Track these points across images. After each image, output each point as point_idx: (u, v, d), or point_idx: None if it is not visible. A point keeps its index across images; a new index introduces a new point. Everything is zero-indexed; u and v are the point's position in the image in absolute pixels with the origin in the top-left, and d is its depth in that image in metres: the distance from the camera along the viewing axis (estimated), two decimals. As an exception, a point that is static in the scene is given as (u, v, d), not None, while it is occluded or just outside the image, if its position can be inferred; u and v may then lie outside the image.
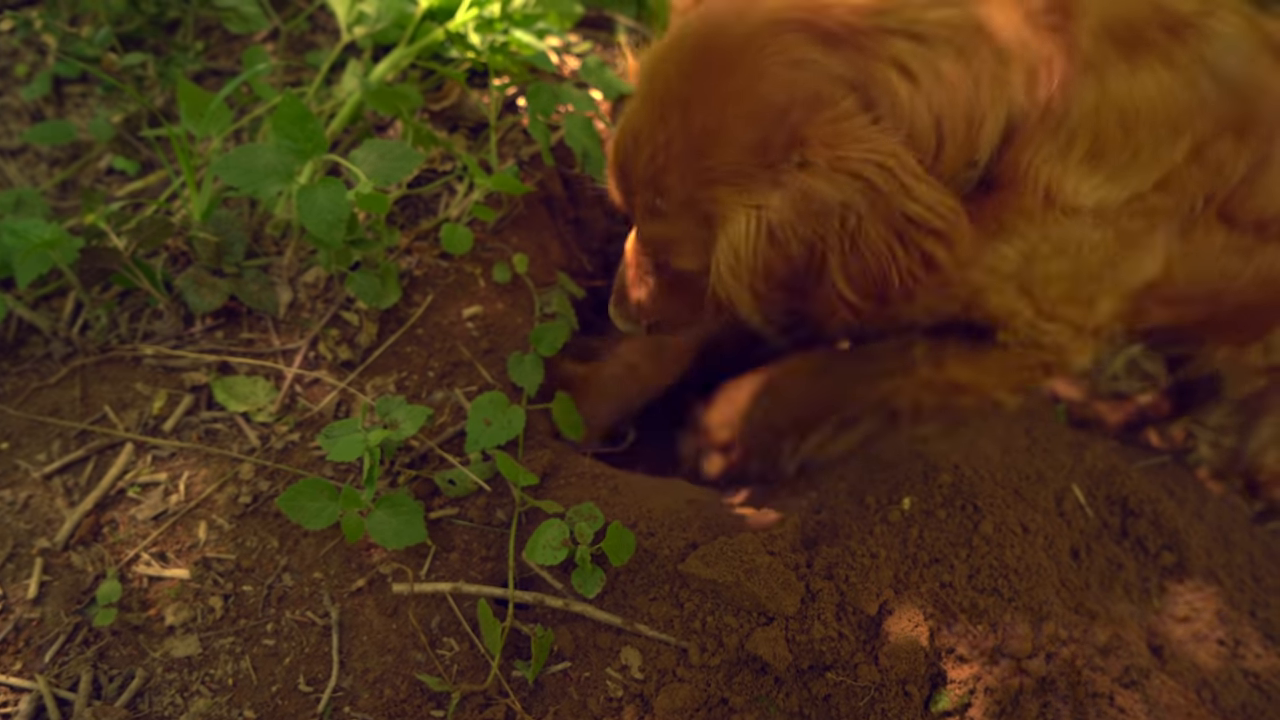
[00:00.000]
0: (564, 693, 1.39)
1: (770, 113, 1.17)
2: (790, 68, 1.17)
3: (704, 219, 1.24)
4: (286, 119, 1.54)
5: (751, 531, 1.50)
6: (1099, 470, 1.83)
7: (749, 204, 1.18)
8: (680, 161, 1.22)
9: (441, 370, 1.71)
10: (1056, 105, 1.28)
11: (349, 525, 1.42)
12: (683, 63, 1.22)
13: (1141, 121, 1.33)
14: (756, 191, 1.18)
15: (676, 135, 1.21)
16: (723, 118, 1.18)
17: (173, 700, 1.35)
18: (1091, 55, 1.29)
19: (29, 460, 1.56)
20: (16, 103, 2.14)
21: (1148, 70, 1.32)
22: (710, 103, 1.19)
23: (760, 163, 1.18)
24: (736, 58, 1.18)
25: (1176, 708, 1.47)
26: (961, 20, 1.22)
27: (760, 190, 1.18)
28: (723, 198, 1.21)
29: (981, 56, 1.22)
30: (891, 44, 1.19)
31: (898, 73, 1.19)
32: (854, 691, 1.39)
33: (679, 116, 1.20)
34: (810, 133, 1.16)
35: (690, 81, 1.20)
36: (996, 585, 1.50)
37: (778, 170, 1.17)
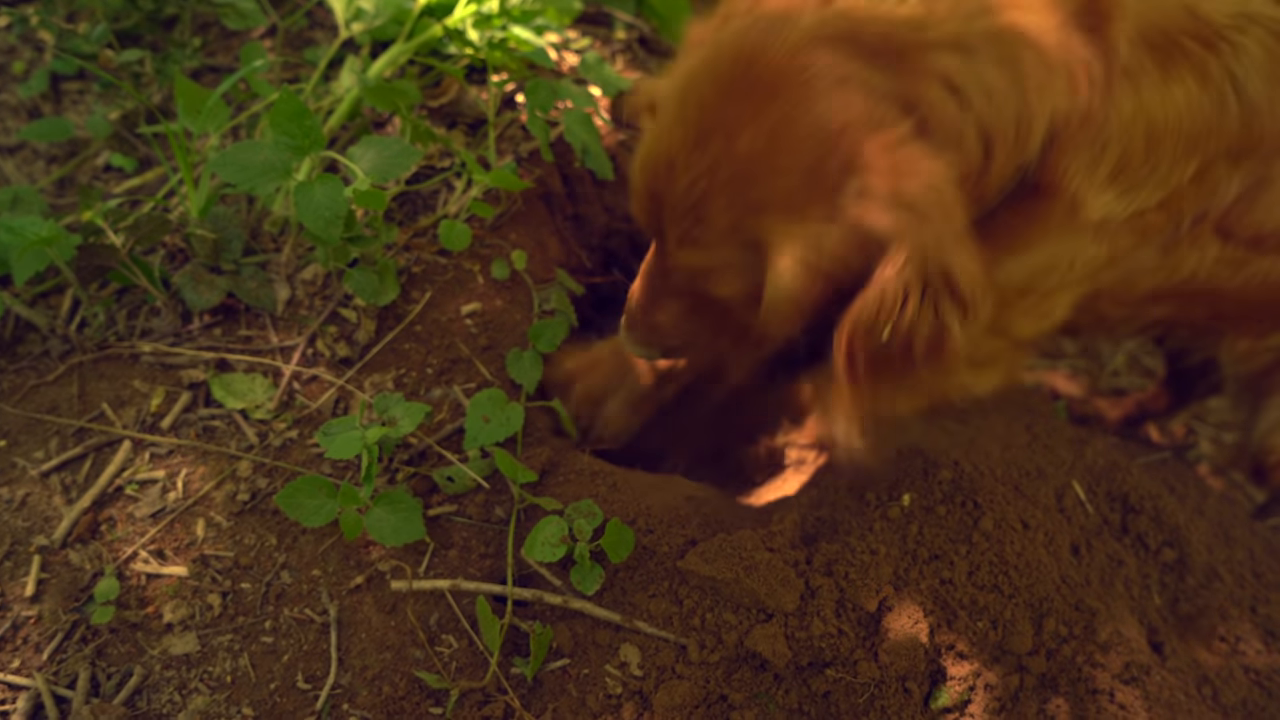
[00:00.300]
0: (563, 690, 1.38)
1: (823, 136, 1.11)
2: (838, 86, 1.11)
3: (749, 245, 1.19)
4: (284, 115, 1.54)
5: (751, 528, 1.50)
6: (1099, 466, 1.83)
7: (803, 233, 1.13)
8: (726, 188, 1.16)
9: (440, 367, 1.70)
10: (1096, 112, 1.24)
11: (347, 522, 1.42)
12: (720, 85, 1.15)
13: (1167, 136, 1.30)
14: (811, 219, 1.13)
15: (721, 161, 1.15)
16: (772, 142, 1.12)
17: (171, 698, 1.35)
18: (1129, 62, 1.26)
19: (27, 458, 1.55)
20: (14, 100, 2.13)
21: (1179, 82, 1.29)
22: (757, 126, 1.13)
23: (815, 189, 1.13)
24: (780, 78, 1.12)
25: (1177, 704, 1.47)
26: (1003, 28, 1.18)
27: (815, 218, 1.13)
28: (773, 225, 1.15)
29: (1026, 63, 1.18)
30: (937, 58, 1.15)
31: (946, 90, 1.15)
32: (854, 688, 1.39)
33: (722, 142, 1.14)
34: (869, 160, 1.11)
35: (731, 104, 1.14)
36: (997, 582, 1.50)
37: (834, 197, 1.12)
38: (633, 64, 2.36)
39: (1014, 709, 1.43)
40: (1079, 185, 1.29)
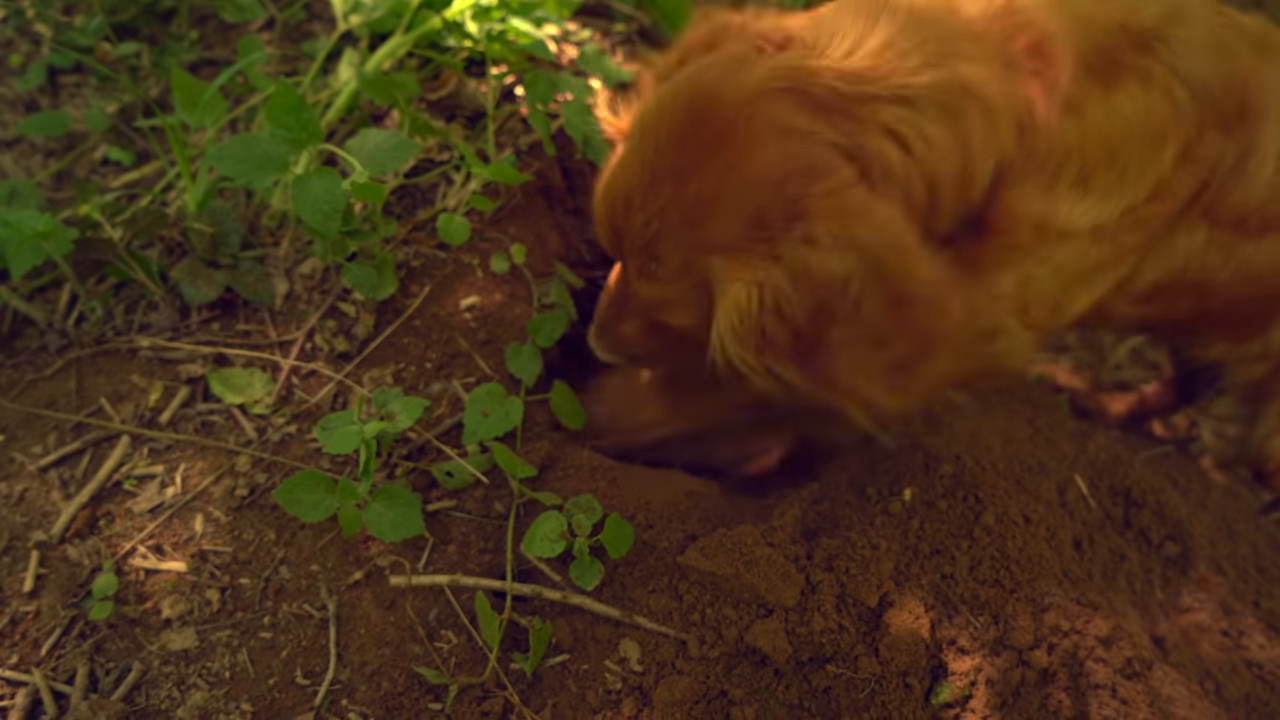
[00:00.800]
0: (562, 685, 1.38)
1: (766, 184, 1.16)
2: (783, 137, 1.16)
3: (699, 284, 1.24)
4: (281, 108, 1.53)
5: (751, 523, 1.49)
6: (1102, 461, 1.82)
7: (747, 277, 1.18)
8: (675, 230, 1.22)
9: (439, 362, 1.69)
10: (1041, 146, 1.29)
11: (346, 518, 1.41)
12: (674, 129, 1.21)
13: (1125, 142, 1.34)
14: (754, 264, 1.18)
15: (670, 204, 1.21)
16: (718, 189, 1.18)
17: (169, 693, 1.35)
18: (1070, 92, 1.30)
19: (25, 453, 1.55)
20: (11, 93, 2.12)
21: (1123, 93, 1.33)
22: (704, 173, 1.18)
23: (758, 235, 1.17)
24: (729, 127, 1.17)
25: (1179, 699, 1.46)
26: (947, 82, 1.21)
27: (758, 262, 1.17)
28: (719, 267, 1.20)
29: (969, 116, 1.22)
30: (881, 110, 1.18)
31: (889, 140, 1.19)
32: (854, 684, 1.39)
33: (672, 185, 1.20)
34: (811, 205, 1.15)
35: (683, 149, 1.20)
36: (998, 577, 1.49)
37: (776, 243, 1.16)
38: (633, 56, 2.35)
39: (1015, 704, 1.42)
40: (1038, 208, 1.33)
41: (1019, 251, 1.39)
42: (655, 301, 1.33)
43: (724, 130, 1.18)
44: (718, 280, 1.21)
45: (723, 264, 1.20)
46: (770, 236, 1.17)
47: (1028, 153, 1.29)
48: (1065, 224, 1.36)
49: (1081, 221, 1.37)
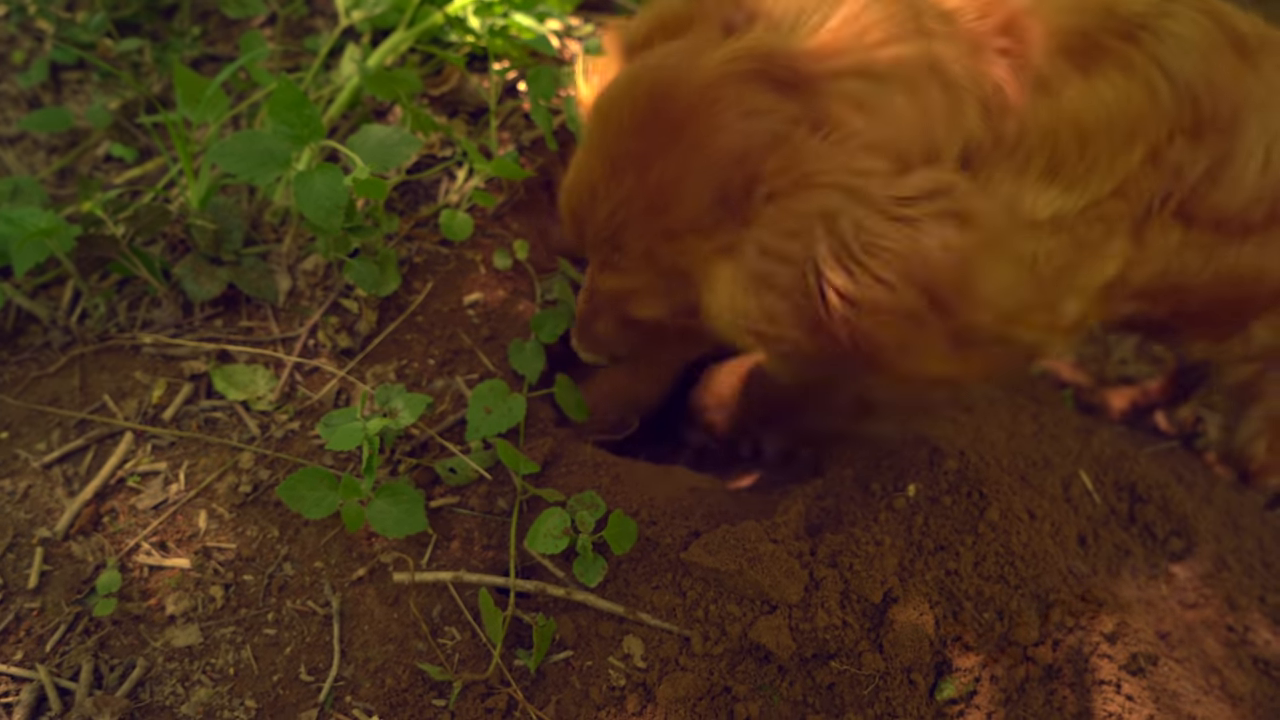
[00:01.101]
0: (566, 682, 1.38)
1: (728, 162, 1.15)
2: (745, 118, 1.15)
3: (665, 272, 1.24)
4: (283, 104, 1.53)
5: (754, 520, 1.49)
6: (1107, 456, 1.82)
7: (723, 249, 1.17)
8: (639, 219, 1.21)
9: (442, 358, 1.69)
10: (1010, 130, 1.26)
11: (349, 514, 1.41)
12: (635, 116, 1.19)
13: (1098, 131, 1.32)
14: (726, 234, 1.16)
15: (634, 193, 1.20)
16: (680, 173, 1.16)
17: (174, 690, 1.35)
18: (1044, 73, 1.27)
19: (29, 449, 1.55)
20: (14, 90, 2.12)
21: (1103, 79, 1.30)
22: (667, 159, 1.17)
23: (724, 209, 1.16)
24: (690, 112, 1.16)
25: (1185, 695, 1.46)
26: (912, 57, 1.19)
27: (730, 231, 1.16)
28: (692, 249, 1.19)
29: (933, 92, 1.20)
30: (844, 83, 1.16)
31: (852, 107, 1.16)
32: (858, 680, 1.38)
33: (635, 173, 1.19)
34: (768, 166, 1.13)
35: (644, 137, 1.18)
36: (1003, 572, 1.49)
37: (743, 210, 1.15)
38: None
39: (1020, 700, 1.42)
40: (1008, 193, 1.30)
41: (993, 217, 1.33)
42: (618, 293, 1.32)
43: (686, 115, 1.16)
44: (694, 263, 1.20)
45: (695, 244, 1.18)
46: (735, 207, 1.15)
47: (997, 136, 1.26)
48: (1030, 213, 1.33)
49: (1044, 212, 1.34)
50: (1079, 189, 1.35)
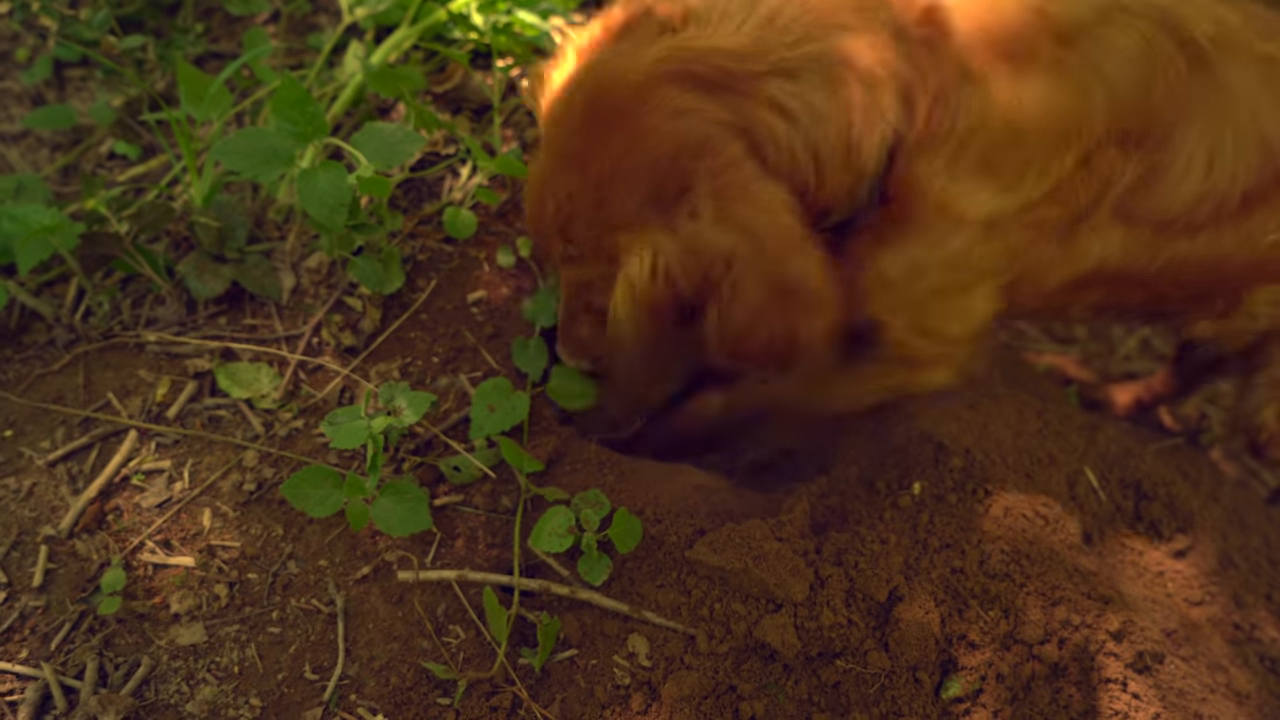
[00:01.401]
0: (571, 680, 1.38)
1: (660, 163, 1.23)
2: (674, 117, 1.22)
3: (611, 259, 1.31)
4: (287, 102, 1.52)
5: (760, 518, 1.49)
6: (1112, 453, 1.81)
7: (643, 248, 1.26)
8: (584, 211, 1.30)
9: (446, 356, 1.69)
10: (938, 119, 1.30)
11: (353, 513, 1.41)
12: (577, 117, 1.28)
13: (1031, 130, 1.34)
14: (651, 236, 1.25)
15: (578, 188, 1.29)
16: (616, 169, 1.25)
17: (178, 688, 1.35)
18: (971, 67, 1.31)
19: (33, 447, 1.55)
20: (17, 87, 2.12)
21: (1037, 80, 1.33)
22: (604, 155, 1.26)
23: (655, 210, 1.25)
24: (624, 112, 1.24)
25: (1191, 693, 1.46)
26: (828, 53, 1.25)
27: (655, 234, 1.25)
28: (623, 242, 1.28)
29: (850, 85, 1.26)
30: (765, 85, 1.23)
31: (774, 113, 1.24)
32: (864, 679, 1.38)
33: (578, 170, 1.28)
34: (699, 182, 1.22)
35: (585, 136, 1.27)
36: (1008, 570, 1.49)
37: (671, 216, 1.24)
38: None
39: (1026, 699, 1.41)
40: (941, 185, 1.35)
41: (917, 229, 1.39)
42: (579, 283, 1.39)
43: (620, 114, 1.24)
44: (620, 253, 1.28)
45: (625, 238, 1.27)
46: (665, 210, 1.24)
47: (926, 124, 1.30)
48: (969, 209, 1.36)
49: (982, 210, 1.36)
50: (1014, 189, 1.37)
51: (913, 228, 1.39)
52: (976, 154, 1.33)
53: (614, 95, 1.25)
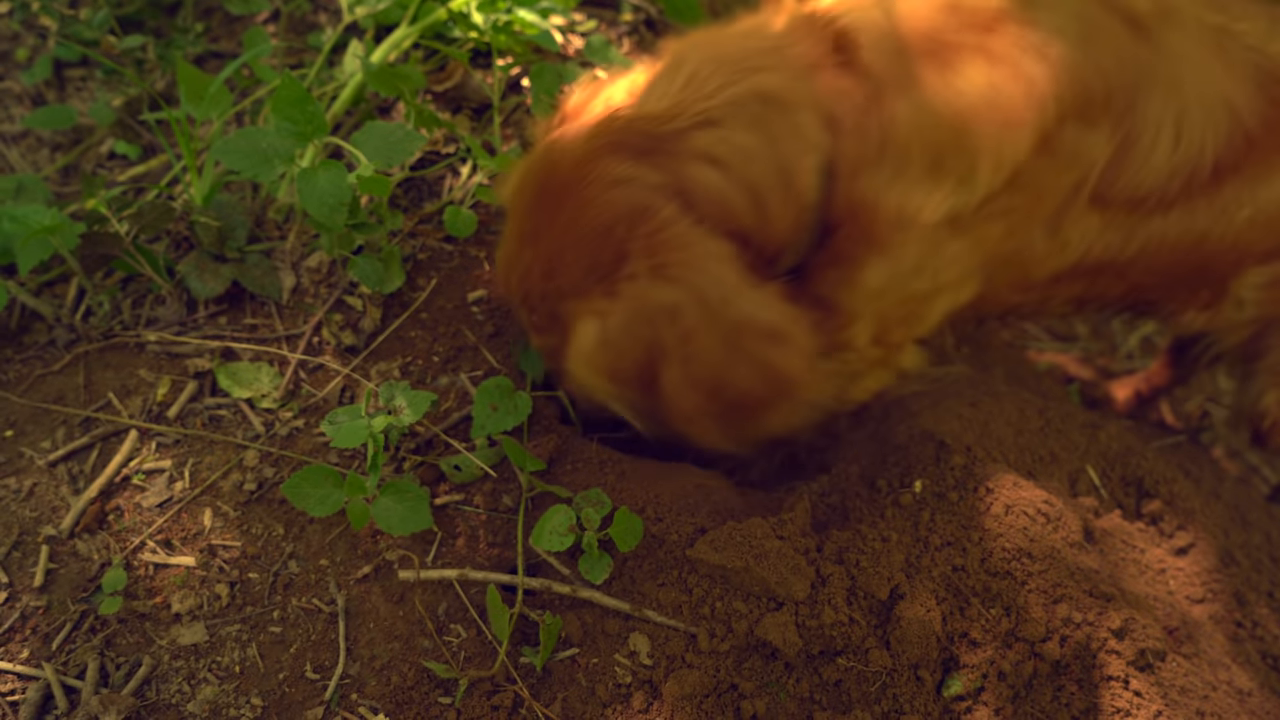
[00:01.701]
0: (572, 679, 1.38)
1: (598, 233, 1.28)
2: (610, 188, 1.27)
3: (566, 328, 1.35)
4: (286, 101, 1.52)
5: (761, 516, 1.48)
6: (1113, 451, 1.81)
7: (590, 314, 1.30)
8: (540, 283, 1.35)
9: (446, 355, 1.69)
10: (870, 131, 1.32)
11: (354, 512, 1.41)
12: (530, 195, 1.36)
13: (970, 121, 1.33)
14: (595, 303, 1.30)
15: (534, 260, 1.35)
16: (563, 243, 1.31)
17: (180, 688, 1.35)
18: (891, 75, 1.32)
19: (33, 448, 1.55)
20: (17, 87, 2.12)
21: (962, 71, 1.33)
22: (553, 230, 1.32)
23: (596, 278, 1.29)
24: (568, 186, 1.30)
25: (1193, 690, 1.46)
26: (743, 94, 1.29)
27: (598, 301, 1.29)
28: (572, 310, 1.33)
29: (771, 119, 1.29)
30: (692, 139, 1.28)
31: (705, 164, 1.28)
32: (865, 677, 1.38)
33: (532, 244, 1.35)
34: (635, 246, 1.26)
35: (539, 211, 1.34)
36: (1010, 568, 1.49)
37: (612, 282, 1.28)
38: (639, 46, 2.33)
39: (1027, 697, 1.41)
40: (891, 198, 1.35)
41: (876, 243, 1.39)
42: (547, 350, 1.43)
43: (565, 189, 1.31)
44: (570, 321, 1.33)
45: (573, 306, 1.32)
46: (606, 277, 1.29)
47: (858, 141, 1.32)
48: (927, 214, 1.36)
49: (938, 211, 1.36)
50: (969, 183, 1.36)
51: (873, 245, 1.39)
52: (920, 158, 1.33)
53: (560, 172, 1.31)
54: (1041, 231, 1.48)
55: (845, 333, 1.49)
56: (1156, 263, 1.58)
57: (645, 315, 1.26)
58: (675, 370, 1.28)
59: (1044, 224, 1.46)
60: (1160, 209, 1.51)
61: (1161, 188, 1.47)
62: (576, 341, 1.32)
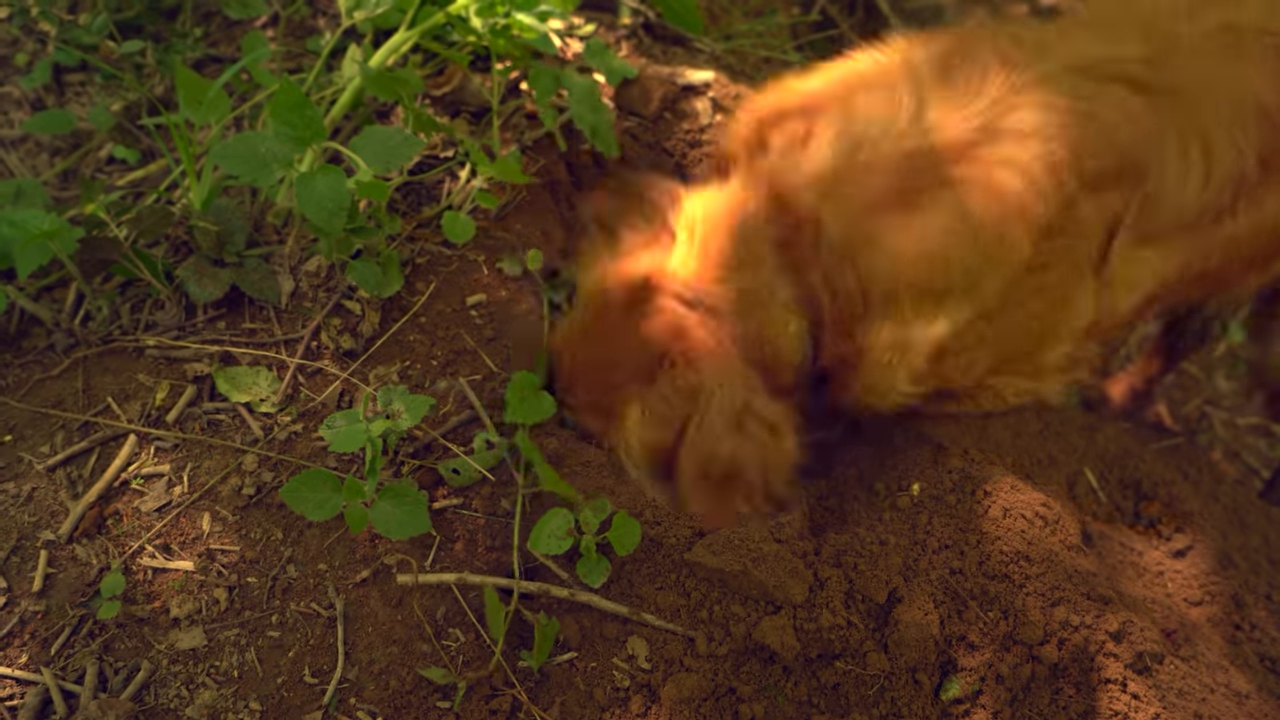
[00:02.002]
0: (570, 683, 1.38)
1: (644, 345, 1.60)
2: (657, 315, 1.61)
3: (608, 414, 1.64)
4: (285, 106, 1.53)
5: (759, 520, 1.49)
6: (1111, 453, 1.81)
7: (635, 401, 1.60)
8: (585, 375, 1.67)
9: (445, 359, 1.69)
10: (848, 288, 1.54)
11: (353, 516, 1.41)
12: (592, 311, 1.68)
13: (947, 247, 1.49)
14: (639, 393, 1.60)
15: (585, 359, 1.66)
16: (616, 351, 1.63)
17: (178, 692, 1.35)
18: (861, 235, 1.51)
19: (32, 452, 1.55)
20: (16, 92, 2.12)
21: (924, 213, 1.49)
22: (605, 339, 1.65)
23: (641, 378, 1.60)
24: (624, 311, 1.63)
25: (1190, 693, 1.46)
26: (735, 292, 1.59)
27: (642, 392, 1.60)
28: (619, 400, 1.62)
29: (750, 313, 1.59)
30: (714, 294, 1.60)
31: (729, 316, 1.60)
32: (863, 680, 1.38)
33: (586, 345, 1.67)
34: (672, 349, 1.58)
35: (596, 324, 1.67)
36: (1008, 571, 1.49)
37: (652, 375, 1.59)
38: (637, 50, 2.34)
39: (1025, 700, 1.41)
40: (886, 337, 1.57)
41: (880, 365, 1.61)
42: (596, 431, 1.68)
43: (621, 314, 1.63)
44: (619, 407, 1.61)
45: (620, 397, 1.61)
46: (647, 376, 1.60)
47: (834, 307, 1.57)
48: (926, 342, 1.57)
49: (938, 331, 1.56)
50: (958, 300, 1.54)
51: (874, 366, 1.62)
52: (909, 293, 1.53)
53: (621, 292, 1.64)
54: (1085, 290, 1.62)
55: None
56: (1238, 255, 1.69)
57: (674, 392, 1.57)
58: (688, 438, 1.56)
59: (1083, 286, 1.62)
60: (1222, 218, 1.62)
61: (1213, 204, 1.59)
62: (626, 422, 1.60)
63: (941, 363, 1.61)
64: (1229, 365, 3.02)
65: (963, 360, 1.63)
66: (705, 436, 1.55)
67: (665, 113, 2.24)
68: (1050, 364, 1.72)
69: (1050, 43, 1.57)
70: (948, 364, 1.62)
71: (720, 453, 1.56)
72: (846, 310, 1.57)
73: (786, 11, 3.13)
